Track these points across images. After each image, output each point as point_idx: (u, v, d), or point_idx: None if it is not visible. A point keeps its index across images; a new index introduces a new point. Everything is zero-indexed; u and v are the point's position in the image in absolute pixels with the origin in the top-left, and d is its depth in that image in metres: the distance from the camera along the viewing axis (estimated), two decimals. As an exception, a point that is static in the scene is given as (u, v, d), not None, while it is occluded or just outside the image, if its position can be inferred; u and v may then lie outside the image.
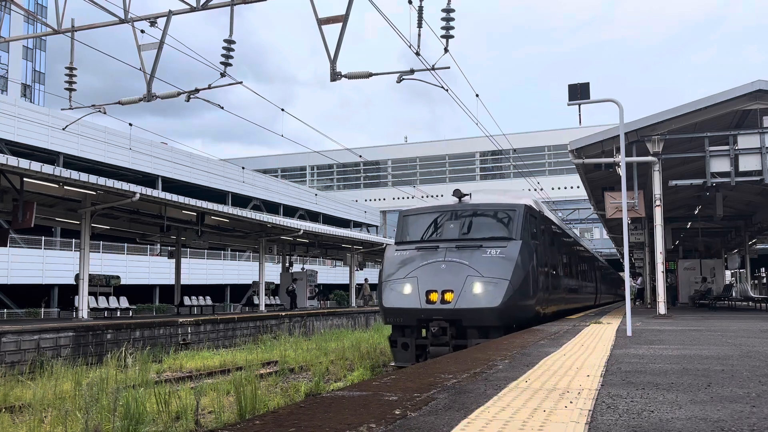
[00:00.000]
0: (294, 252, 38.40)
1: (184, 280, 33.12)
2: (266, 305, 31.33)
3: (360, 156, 33.07)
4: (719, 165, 15.05)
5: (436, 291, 10.95)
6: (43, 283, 36.78)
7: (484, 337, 10.53)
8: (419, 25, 10.98)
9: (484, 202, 12.79)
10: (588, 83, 10.76)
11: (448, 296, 10.82)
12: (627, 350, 6.93)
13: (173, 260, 29.72)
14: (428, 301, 10.92)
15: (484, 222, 12.27)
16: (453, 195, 13.15)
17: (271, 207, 57.56)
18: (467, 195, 13.08)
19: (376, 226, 77.41)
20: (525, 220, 12.19)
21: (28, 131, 37.16)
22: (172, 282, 30.43)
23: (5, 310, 33.98)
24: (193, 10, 11.57)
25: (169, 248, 31.28)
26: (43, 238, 36.61)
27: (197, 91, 12.50)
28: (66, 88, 12.84)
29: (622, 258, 14.43)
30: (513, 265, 11.14)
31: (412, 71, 11.49)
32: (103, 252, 39.22)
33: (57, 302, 37.12)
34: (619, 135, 10.45)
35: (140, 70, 12.13)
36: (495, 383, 4.42)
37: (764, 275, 50.62)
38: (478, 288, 10.82)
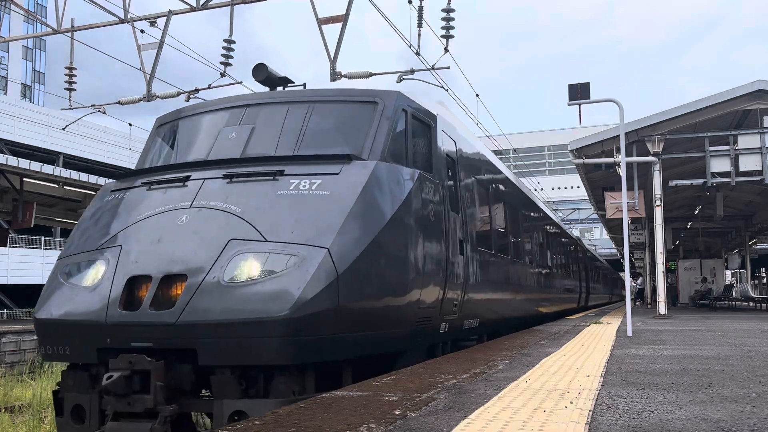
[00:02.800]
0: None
1: (184, 280, 33.03)
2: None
3: (360, 156, 32.96)
4: (719, 165, 15.08)
5: (149, 277, 4.92)
6: (43, 284, 36.68)
7: (260, 394, 4.66)
8: (419, 25, 10.98)
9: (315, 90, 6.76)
10: (588, 83, 10.75)
11: (177, 290, 4.85)
12: (627, 350, 6.92)
13: (173, 260, 29.70)
14: (128, 303, 4.90)
15: (304, 128, 6.07)
16: (255, 76, 6.96)
17: (271, 207, 57.52)
18: (291, 82, 7.22)
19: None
20: (393, 125, 6.13)
21: (28, 131, 37.20)
22: (172, 282, 30.40)
23: (5, 310, 33.96)
24: (193, 10, 11.58)
25: (169, 248, 31.25)
26: (43, 238, 36.60)
27: (197, 91, 12.51)
28: (66, 88, 12.87)
29: (623, 258, 14.42)
30: (346, 211, 5.17)
31: (412, 71, 11.48)
32: (103, 252, 39.20)
33: (57, 302, 37.07)
34: (619, 135, 10.44)
35: (140, 70, 12.14)
36: (495, 383, 4.41)
37: (764, 275, 50.66)
38: (249, 267, 4.82)
